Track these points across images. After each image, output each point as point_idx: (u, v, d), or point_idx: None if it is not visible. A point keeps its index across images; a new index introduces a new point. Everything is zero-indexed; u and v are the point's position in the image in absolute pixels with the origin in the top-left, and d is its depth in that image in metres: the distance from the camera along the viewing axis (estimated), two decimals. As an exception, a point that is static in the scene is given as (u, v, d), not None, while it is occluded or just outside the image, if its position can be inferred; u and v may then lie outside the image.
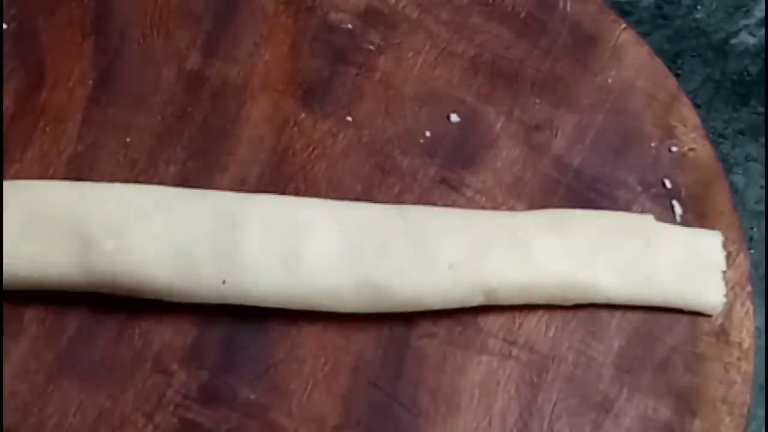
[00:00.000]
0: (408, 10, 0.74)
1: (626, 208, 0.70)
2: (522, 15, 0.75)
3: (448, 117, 0.71)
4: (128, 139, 0.68)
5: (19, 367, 0.63)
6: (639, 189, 0.70)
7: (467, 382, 0.65)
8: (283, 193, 0.68)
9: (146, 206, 0.64)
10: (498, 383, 0.65)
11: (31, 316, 0.64)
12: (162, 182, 0.67)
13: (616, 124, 0.72)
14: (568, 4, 0.75)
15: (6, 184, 0.64)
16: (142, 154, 0.68)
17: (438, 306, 0.64)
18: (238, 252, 0.63)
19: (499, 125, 0.71)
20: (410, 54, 0.73)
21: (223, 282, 0.62)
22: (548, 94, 0.73)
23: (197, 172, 0.68)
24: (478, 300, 0.64)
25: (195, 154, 0.69)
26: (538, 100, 0.72)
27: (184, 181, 0.68)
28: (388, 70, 0.72)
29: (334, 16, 0.74)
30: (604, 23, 0.75)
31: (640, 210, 0.70)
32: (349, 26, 0.73)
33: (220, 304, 0.64)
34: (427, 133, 0.70)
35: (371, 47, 0.73)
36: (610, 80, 0.73)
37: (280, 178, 0.68)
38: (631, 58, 0.74)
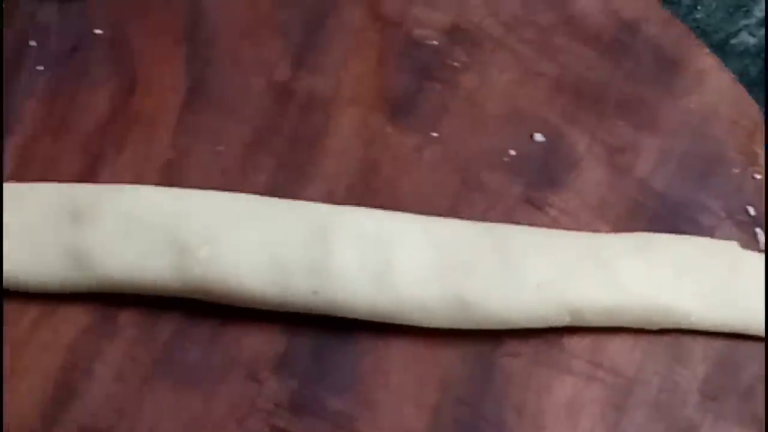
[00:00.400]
0: (492, 29, 0.75)
1: (710, 233, 0.70)
2: (606, 37, 0.75)
3: (532, 136, 0.72)
4: (219, 147, 0.69)
5: (114, 369, 0.63)
6: (723, 215, 0.71)
7: (552, 401, 0.65)
8: (369, 206, 0.68)
9: (240, 214, 0.64)
10: (583, 405, 0.65)
11: (125, 318, 0.65)
12: (252, 191, 0.68)
13: (699, 149, 0.73)
14: (652, 27, 0.76)
15: (104, 187, 0.65)
16: (233, 163, 0.69)
17: (523, 324, 0.65)
18: (329, 263, 0.63)
19: (582, 146, 0.72)
20: (495, 72, 0.74)
21: (314, 292, 0.63)
22: (632, 116, 0.73)
23: (286, 182, 0.69)
24: (563, 320, 0.65)
25: (284, 164, 0.69)
26: (621, 122, 0.73)
27: (273, 190, 0.68)
28: (472, 87, 0.73)
29: (420, 33, 0.74)
30: (687, 48, 0.76)
31: (724, 236, 0.70)
32: (435, 43, 0.74)
33: (311, 314, 0.64)
34: (512, 152, 0.71)
35: (456, 64, 0.74)
36: (692, 105, 0.74)
37: (366, 191, 0.69)
38: (714, 84, 0.75)
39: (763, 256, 0.68)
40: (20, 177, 0.67)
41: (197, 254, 0.63)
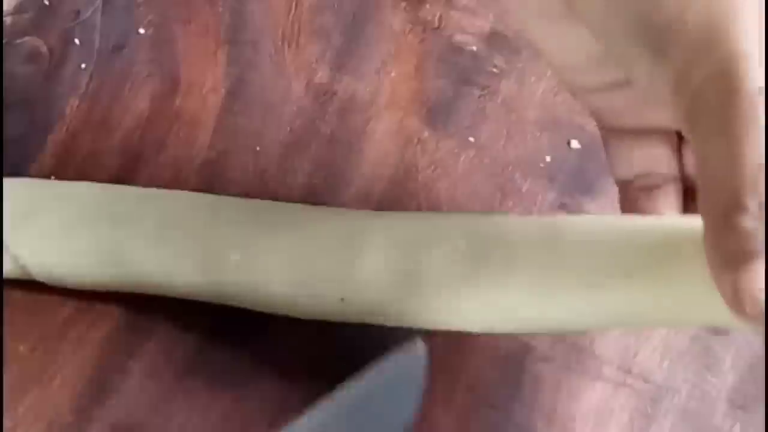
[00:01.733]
0: (532, 36, 0.75)
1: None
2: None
3: (569, 143, 0.72)
4: (258, 148, 0.70)
5: (148, 366, 0.64)
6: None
7: (582, 407, 0.65)
8: (405, 210, 0.68)
9: (274, 221, 0.64)
10: (612, 410, 0.65)
11: (160, 316, 0.65)
12: (289, 192, 0.69)
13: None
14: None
15: (143, 190, 0.65)
16: (271, 164, 0.70)
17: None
18: (356, 269, 0.62)
19: (618, 154, 0.72)
20: (533, 79, 0.74)
21: (342, 300, 0.62)
22: (667, 125, 0.73)
23: (323, 184, 0.69)
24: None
25: (321, 166, 0.70)
26: (657, 132, 0.72)
27: (311, 191, 0.69)
28: (510, 93, 0.73)
29: (459, 38, 0.75)
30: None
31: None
32: (474, 49, 0.75)
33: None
34: (548, 158, 0.71)
35: (495, 70, 0.74)
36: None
37: (402, 194, 0.69)
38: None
39: None
40: (59, 174, 0.69)
41: (228, 259, 0.63)
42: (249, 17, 0.74)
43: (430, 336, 0.63)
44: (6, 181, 0.66)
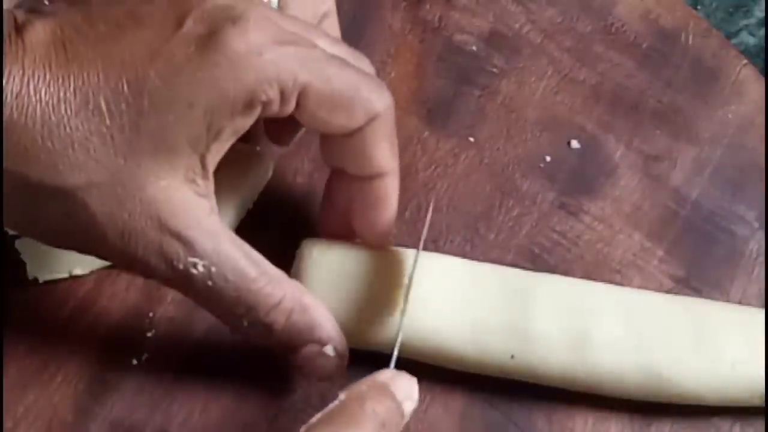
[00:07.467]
0: (532, 36, 0.75)
1: (743, 243, 0.70)
2: (644, 46, 0.75)
3: (569, 143, 0.72)
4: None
5: (149, 364, 0.64)
6: (756, 225, 0.71)
7: (581, 407, 0.65)
8: (404, 209, 0.68)
9: (436, 272, 0.65)
10: (612, 410, 0.65)
11: (161, 314, 0.65)
12: (290, 192, 0.69)
13: (734, 159, 0.73)
14: (690, 37, 0.76)
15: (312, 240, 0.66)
16: (271, 163, 0.70)
17: (712, 403, 0.65)
18: (529, 328, 0.63)
19: (618, 154, 0.72)
20: (533, 79, 0.74)
21: (512, 357, 0.63)
22: (668, 125, 0.73)
23: (323, 184, 0.69)
24: (754, 402, 0.64)
25: (321, 166, 0.70)
26: (658, 131, 0.73)
27: (311, 191, 0.69)
28: (510, 93, 0.73)
29: (459, 38, 0.75)
30: (725, 59, 0.76)
31: (756, 246, 0.70)
32: (474, 48, 0.75)
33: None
34: (548, 158, 0.71)
35: (494, 70, 0.74)
36: (730, 115, 0.74)
37: (402, 194, 0.69)
38: (752, 95, 0.75)
39: None
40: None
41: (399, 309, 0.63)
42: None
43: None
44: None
